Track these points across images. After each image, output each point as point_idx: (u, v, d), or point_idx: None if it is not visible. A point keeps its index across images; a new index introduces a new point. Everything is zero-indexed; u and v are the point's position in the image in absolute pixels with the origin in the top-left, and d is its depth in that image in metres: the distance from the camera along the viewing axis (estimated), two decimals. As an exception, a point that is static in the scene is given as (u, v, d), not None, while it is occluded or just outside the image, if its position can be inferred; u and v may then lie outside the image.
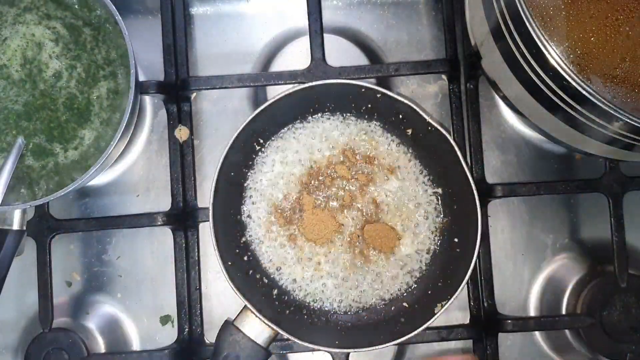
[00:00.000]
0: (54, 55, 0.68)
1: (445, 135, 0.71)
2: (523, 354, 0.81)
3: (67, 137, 0.68)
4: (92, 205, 0.81)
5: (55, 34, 0.68)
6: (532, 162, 0.82)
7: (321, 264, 0.75)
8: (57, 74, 0.68)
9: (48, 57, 0.68)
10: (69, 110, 0.68)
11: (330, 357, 0.76)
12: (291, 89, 0.71)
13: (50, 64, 0.68)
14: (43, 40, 0.68)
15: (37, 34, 0.68)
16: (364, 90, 0.72)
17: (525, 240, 0.82)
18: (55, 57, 0.68)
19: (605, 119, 0.58)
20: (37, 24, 0.68)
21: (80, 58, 0.68)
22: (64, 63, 0.68)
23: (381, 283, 0.75)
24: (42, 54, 0.68)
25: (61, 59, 0.68)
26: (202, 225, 0.78)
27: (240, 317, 0.70)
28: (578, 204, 0.82)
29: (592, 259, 0.82)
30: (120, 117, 0.68)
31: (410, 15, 0.84)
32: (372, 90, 0.72)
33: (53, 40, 0.68)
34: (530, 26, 0.57)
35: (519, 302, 0.81)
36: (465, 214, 0.72)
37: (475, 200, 0.70)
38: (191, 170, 0.78)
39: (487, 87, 0.78)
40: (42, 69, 0.68)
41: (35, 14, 0.68)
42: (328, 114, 0.76)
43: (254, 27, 0.84)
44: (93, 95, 0.68)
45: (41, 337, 0.75)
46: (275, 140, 0.77)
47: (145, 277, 0.81)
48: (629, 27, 0.57)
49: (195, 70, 0.83)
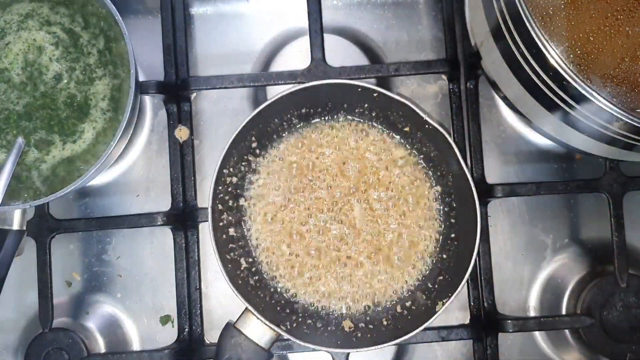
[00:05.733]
0: (54, 58, 0.69)
1: (443, 134, 0.71)
2: (523, 354, 0.81)
3: (67, 132, 0.69)
4: (92, 205, 0.81)
5: (56, 37, 0.69)
6: (532, 162, 0.82)
7: (320, 265, 0.75)
8: (57, 75, 0.68)
9: (48, 60, 0.69)
10: (69, 107, 0.69)
11: (331, 357, 0.76)
12: (290, 89, 0.71)
13: (50, 67, 0.68)
14: (44, 44, 0.69)
15: (38, 38, 0.69)
16: (362, 90, 0.72)
17: (525, 240, 0.82)
18: (55, 60, 0.69)
19: (605, 119, 0.59)
20: (39, 29, 0.69)
21: (79, 60, 0.69)
22: (64, 65, 0.69)
23: (381, 283, 0.75)
24: (42, 57, 0.68)
25: (61, 62, 0.69)
26: (202, 225, 0.78)
27: (242, 319, 0.70)
28: (578, 204, 0.82)
29: (592, 259, 0.82)
30: (120, 117, 0.68)
31: (410, 15, 0.84)
32: (370, 90, 0.72)
33: (53, 44, 0.69)
34: (530, 26, 0.57)
35: (519, 302, 0.81)
36: (464, 212, 0.72)
37: (474, 199, 0.70)
38: (191, 170, 0.78)
39: (487, 87, 0.78)
40: (42, 71, 0.68)
41: (37, 21, 0.69)
42: (327, 114, 0.76)
43: (254, 27, 0.84)
44: (91, 92, 0.69)
45: (41, 337, 0.75)
46: (274, 141, 0.77)
47: (145, 277, 0.81)
48: (629, 27, 0.58)
49: (195, 70, 0.83)
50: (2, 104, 0.68)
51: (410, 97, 0.82)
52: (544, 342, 0.82)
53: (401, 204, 0.75)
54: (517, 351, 0.81)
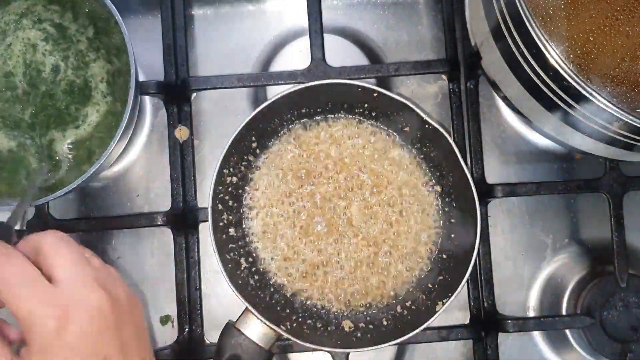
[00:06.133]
0: (47, 52, 0.70)
1: (443, 133, 0.71)
2: (523, 354, 0.81)
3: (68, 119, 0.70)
4: (92, 205, 0.81)
5: (45, 33, 0.70)
6: (532, 162, 0.82)
7: (320, 264, 0.75)
8: (54, 67, 0.70)
9: (42, 56, 0.70)
10: (69, 95, 0.70)
11: (331, 357, 0.76)
12: (291, 89, 0.71)
13: (46, 62, 0.70)
14: (36, 41, 0.70)
15: (31, 36, 0.70)
16: (361, 90, 0.72)
17: (525, 240, 0.82)
18: (48, 54, 0.70)
19: (605, 119, 0.59)
20: (31, 27, 0.70)
21: (70, 48, 0.71)
22: (58, 56, 0.70)
23: (381, 283, 0.75)
24: (36, 55, 0.70)
25: (54, 54, 0.70)
26: (202, 225, 0.78)
27: (242, 319, 0.70)
28: (578, 204, 0.82)
29: (592, 259, 0.82)
30: (122, 107, 0.69)
31: (410, 15, 0.84)
32: (370, 90, 0.72)
33: (43, 40, 0.70)
34: (530, 26, 0.57)
35: (519, 302, 0.81)
36: (464, 212, 0.72)
37: (474, 199, 0.70)
38: (191, 170, 0.78)
39: (487, 87, 0.78)
40: (40, 69, 0.70)
41: (30, 19, 0.71)
42: (328, 114, 0.76)
43: (254, 27, 0.84)
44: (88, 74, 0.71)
45: (41, 337, 0.74)
46: (275, 140, 0.77)
47: (145, 277, 0.81)
48: (629, 27, 0.57)
49: (195, 70, 0.83)
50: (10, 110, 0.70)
51: (410, 97, 0.82)
52: (544, 342, 0.82)
53: (400, 203, 0.75)
54: (517, 351, 0.81)
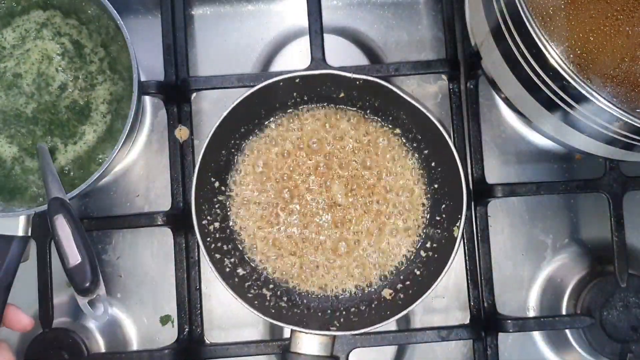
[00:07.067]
0: (60, 69, 0.70)
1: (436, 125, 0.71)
2: (523, 354, 0.81)
3: (68, 134, 0.70)
4: (92, 205, 0.81)
5: (63, 48, 0.71)
6: (532, 162, 0.82)
7: (317, 253, 0.75)
8: (62, 85, 0.70)
9: (55, 71, 0.70)
10: (71, 111, 0.70)
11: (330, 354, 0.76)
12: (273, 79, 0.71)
13: (56, 77, 0.70)
14: (52, 54, 0.70)
15: (49, 48, 0.70)
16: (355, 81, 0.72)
17: (525, 240, 0.82)
18: (61, 71, 0.70)
19: (605, 119, 0.59)
20: (51, 39, 0.71)
21: (82, 69, 0.71)
22: (69, 75, 0.70)
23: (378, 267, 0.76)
24: (50, 68, 0.70)
25: (67, 72, 0.70)
26: (202, 225, 0.78)
27: (293, 341, 0.70)
28: (578, 204, 0.82)
29: (592, 259, 0.82)
30: (122, 123, 0.69)
31: (410, 15, 0.84)
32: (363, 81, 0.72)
33: (60, 54, 0.70)
34: (530, 26, 0.57)
35: (519, 302, 0.81)
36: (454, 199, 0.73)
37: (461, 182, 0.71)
38: (191, 170, 0.78)
39: (487, 87, 0.78)
40: (49, 82, 0.70)
41: (50, 31, 0.71)
42: (318, 107, 0.77)
43: (254, 27, 0.84)
44: (92, 97, 0.71)
45: (41, 337, 0.74)
46: (259, 136, 0.77)
47: (145, 277, 0.81)
48: (629, 27, 0.58)
49: (195, 70, 0.83)
50: (13, 104, 0.70)
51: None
52: (544, 342, 0.82)
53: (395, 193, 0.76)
54: (517, 351, 0.81)
